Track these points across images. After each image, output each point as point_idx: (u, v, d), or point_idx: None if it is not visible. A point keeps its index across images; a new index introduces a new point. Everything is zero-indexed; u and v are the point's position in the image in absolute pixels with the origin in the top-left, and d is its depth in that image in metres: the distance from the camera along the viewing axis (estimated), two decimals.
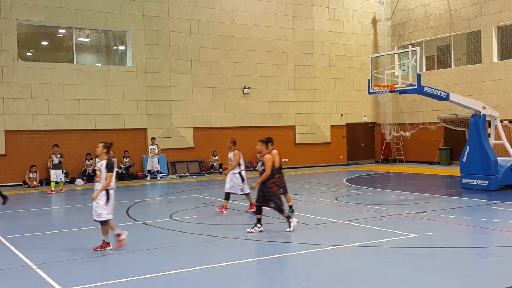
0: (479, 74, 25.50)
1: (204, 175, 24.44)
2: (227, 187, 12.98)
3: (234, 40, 25.87)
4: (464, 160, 16.80)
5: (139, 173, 23.47)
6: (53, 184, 18.69)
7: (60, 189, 18.94)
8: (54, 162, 18.57)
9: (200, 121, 24.98)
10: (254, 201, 11.31)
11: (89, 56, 24.01)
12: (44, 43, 23.72)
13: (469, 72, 26.00)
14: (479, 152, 16.41)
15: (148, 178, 22.65)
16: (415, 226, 10.51)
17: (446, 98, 16.35)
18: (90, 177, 21.87)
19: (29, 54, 22.99)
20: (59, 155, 18.63)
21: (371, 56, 19.09)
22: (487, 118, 16.94)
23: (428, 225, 10.66)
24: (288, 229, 10.25)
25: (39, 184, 20.82)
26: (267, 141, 10.74)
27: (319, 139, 28.35)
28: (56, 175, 18.59)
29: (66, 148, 21.90)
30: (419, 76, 15.59)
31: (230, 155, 13.01)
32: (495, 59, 24.99)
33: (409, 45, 28.61)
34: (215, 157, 24.95)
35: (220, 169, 24.83)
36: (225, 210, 12.86)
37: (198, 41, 24.93)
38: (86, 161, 22.20)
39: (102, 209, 8.98)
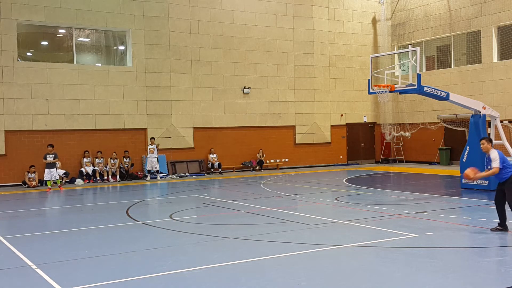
0: (479, 74, 25.49)
1: (204, 175, 24.44)
2: None
3: (234, 40, 25.86)
4: (464, 160, 16.77)
5: (139, 173, 23.46)
6: (49, 183, 19.33)
7: (59, 187, 19.53)
8: (48, 162, 19.15)
9: (200, 121, 24.97)
10: None
11: (89, 56, 23.99)
12: (44, 43, 23.70)
13: (469, 72, 25.99)
14: (479, 152, 16.36)
15: (148, 178, 22.65)
16: (415, 226, 10.50)
17: (446, 98, 16.34)
18: (89, 176, 21.97)
19: (29, 54, 22.97)
20: (52, 155, 19.15)
21: (371, 56, 19.08)
22: (487, 118, 16.93)
23: (428, 225, 10.65)
24: None
25: (38, 184, 20.81)
26: None
27: (319, 139, 28.35)
28: (51, 174, 19.18)
29: (66, 148, 21.92)
30: (419, 76, 15.58)
31: None
32: (495, 59, 24.98)
33: (409, 45, 28.60)
34: (212, 155, 24.92)
35: (220, 169, 24.85)
36: None
37: (198, 41, 24.93)
38: (84, 159, 22.15)
39: None
